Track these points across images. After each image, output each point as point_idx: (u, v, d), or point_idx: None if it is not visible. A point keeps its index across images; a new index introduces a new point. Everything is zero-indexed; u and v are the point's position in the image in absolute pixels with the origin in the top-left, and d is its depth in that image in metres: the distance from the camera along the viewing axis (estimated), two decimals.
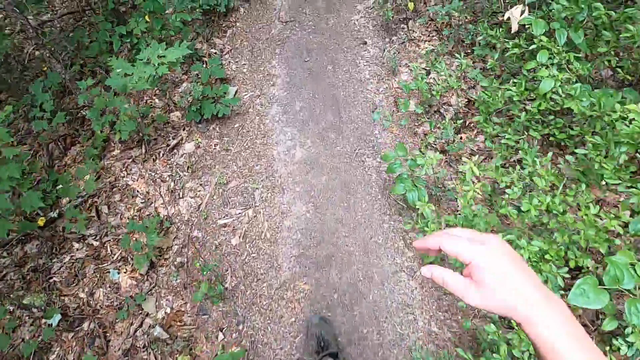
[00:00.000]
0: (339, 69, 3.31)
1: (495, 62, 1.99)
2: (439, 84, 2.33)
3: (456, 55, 2.41)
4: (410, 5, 3.08)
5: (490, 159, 2.56)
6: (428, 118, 2.80)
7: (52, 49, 2.85)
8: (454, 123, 2.70)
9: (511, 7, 1.94)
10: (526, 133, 1.72)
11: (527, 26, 1.74)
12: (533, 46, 1.70)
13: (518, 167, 1.70)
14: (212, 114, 2.88)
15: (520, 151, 1.64)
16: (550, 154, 1.66)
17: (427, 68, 3.08)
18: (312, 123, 3.01)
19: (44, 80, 2.70)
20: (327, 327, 2.09)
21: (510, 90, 1.64)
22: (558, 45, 1.64)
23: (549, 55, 1.59)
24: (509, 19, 1.91)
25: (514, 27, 1.88)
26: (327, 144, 2.88)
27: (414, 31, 3.33)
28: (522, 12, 1.87)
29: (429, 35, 3.28)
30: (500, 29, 1.93)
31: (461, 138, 2.66)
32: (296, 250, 2.45)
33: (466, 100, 2.78)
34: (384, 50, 3.32)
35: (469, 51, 3.04)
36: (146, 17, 2.76)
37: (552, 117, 1.78)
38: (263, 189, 2.72)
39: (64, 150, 3.25)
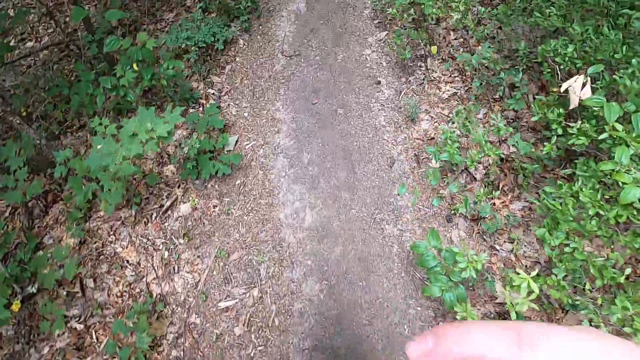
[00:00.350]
0: (350, 114, 2.98)
1: (552, 145, 1.68)
2: (474, 153, 2.01)
3: (492, 117, 2.09)
4: (433, 49, 2.75)
5: (528, 228, 2.25)
6: (455, 178, 2.49)
7: (23, 110, 2.51)
8: (485, 187, 2.39)
9: (567, 74, 1.62)
10: (605, 249, 1.41)
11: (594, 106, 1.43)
12: (604, 135, 1.39)
13: (588, 284, 1.38)
14: (210, 174, 2.55)
15: (591, 267, 1.32)
16: (628, 269, 1.34)
17: (450, 116, 2.76)
18: (323, 179, 2.69)
19: (18, 141, 2.36)
20: None
21: (583, 193, 1.32)
22: (638, 137, 1.33)
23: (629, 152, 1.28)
24: (566, 91, 1.59)
25: (574, 103, 1.56)
26: (340, 206, 2.56)
27: (433, 70, 3.00)
28: (584, 84, 1.56)
29: (450, 76, 2.95)
30: (558, 107, 1.60)
31: (494, 204, 2.34)
32: (309, 342, 2.13)
33: (498, 158, 2.46)
34: (401, 92, 3.00)
35: (497, 97, 2.73)
36: (134, 65, 2.43)
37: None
38: (269, 262, 2.40)
39: (45, 209, 2.91)
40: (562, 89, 1.57)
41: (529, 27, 2.20)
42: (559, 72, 1.69)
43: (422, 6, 2.64)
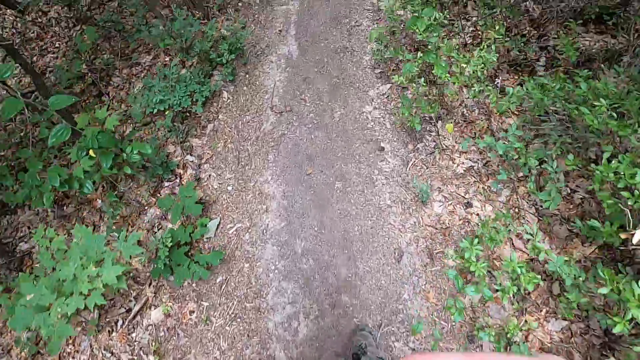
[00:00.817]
0: (350, 189, 2.57)
1: (625, 323, 1.30)
2: (508, 284, 1.62)
3: (528, 232, 1.70)
4: (449, 128, 2.35)
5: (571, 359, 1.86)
6: (475, 287, 2.09)
7: None
8: (513, 302, 2.00)
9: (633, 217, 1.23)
10: None
11: None
12: None
13: None
14: (185, 277, 2.14)
15: None
16: None
17: (467, 198, 2.37)
18: (319, 276, 2.29)
19: None
20: (372, 344, 1.92)
21: None
22: None
23: None
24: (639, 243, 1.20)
25: None
26: (340, 313, 2.16)
27: (445, 137, 2.60)
28: None
29: None
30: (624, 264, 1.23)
31: (525, 321, 1.95)
32: None
33: (527, 256, 2.07)
34: (408, 163, 2.60)
35: (521, 175, 2.35)
36: (91, 152, 2.01)
37: None
38: None
39: None
40: (635, 241, 1.19)
41: (568, 114, 1.80)
42: (630, 217, 1.30)
43: (434, 71, 2.24)
